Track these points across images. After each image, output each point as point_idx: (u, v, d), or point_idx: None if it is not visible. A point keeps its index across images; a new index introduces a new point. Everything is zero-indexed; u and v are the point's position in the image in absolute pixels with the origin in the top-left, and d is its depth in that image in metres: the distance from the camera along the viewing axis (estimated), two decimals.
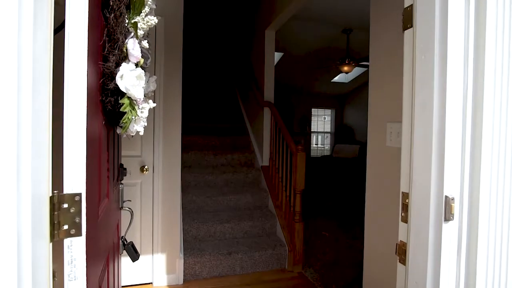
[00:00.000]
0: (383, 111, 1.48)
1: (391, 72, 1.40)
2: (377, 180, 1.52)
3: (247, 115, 4.12)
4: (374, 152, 1.54)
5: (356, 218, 4.10)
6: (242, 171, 3.30)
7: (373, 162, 1.55)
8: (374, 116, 1.55)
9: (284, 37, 5.55)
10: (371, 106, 1.57)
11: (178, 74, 2.32)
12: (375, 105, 1.54)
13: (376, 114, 1.53)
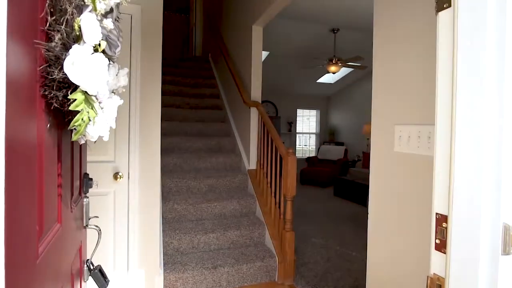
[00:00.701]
0: (390, 112, 1.32)
1: (402, 67, 1.24)
2: (383, 188, 1.36)
3: (233, 116, 3.91)
4: (379, 158, 1.38)
5: (343, 223, 3.98)
6: (227, 175, 3.09)
7: (378, 168, 1.39)
8: (378, 118, 1.39)
9: (270, 36, 5.38)
10: (375, 107, 1.41)
11: (157, 69, 2.08)
12: (380, 105, 1.38)
13: (381, 116, 1.37)
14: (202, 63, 5.47)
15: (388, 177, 1.33)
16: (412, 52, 1.19)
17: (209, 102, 4.29)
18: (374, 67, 1.44)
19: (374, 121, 1.41)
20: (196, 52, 6.83)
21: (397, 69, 1.28)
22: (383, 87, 1.36)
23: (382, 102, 1.36)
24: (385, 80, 1.35)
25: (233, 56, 3.97)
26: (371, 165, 1.44)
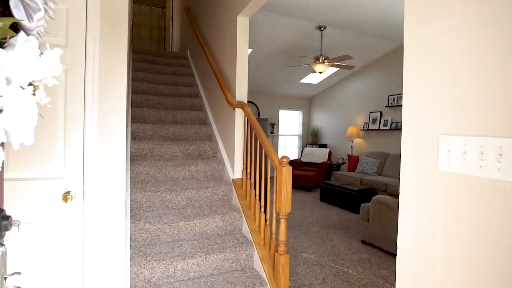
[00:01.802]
0: (431, 118, 0.99)
1: (453, 51, 0.91)
2: (422, 219, 1.03)
3: (214, 117, 3.51)
4: (416, 179, 1.05)
5: (334, 232, 3.68)
6: (209, 186, 2.69)
7: (413, 193, 1.06)
8: (413, 126, 1.06)
9: (253, 32, 5.02)
10: (408, 112, 1.08)
11: (121, 57, 1.66)
12: (416, 108, 1.05)
13: (417, 122, 1.04)
14: (180, 59, 5.03)
15: (428, 209, 1.00)
16: (474, 15, 0.87)
17: (188, 102, 3.86)
18: (406, 61, 1.11)
19: (406, 128, 1.08)
20: (173, 48, 6.36)
21: (444, 52, 0.95)
22: (421, 81, 1.04)
23: (419, 103, 1.04)
24: (424, 71, 1.02)
25: (215, 52, 3.57)
26: (401, 190, 1.11)
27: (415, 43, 1.08)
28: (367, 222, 3.36)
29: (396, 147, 6.18)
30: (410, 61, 1.10)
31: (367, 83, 6.94)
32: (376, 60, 6.63)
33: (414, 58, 1.08)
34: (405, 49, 1.13)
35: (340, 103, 7.81)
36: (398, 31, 5.00)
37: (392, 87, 6.26)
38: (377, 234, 3.21)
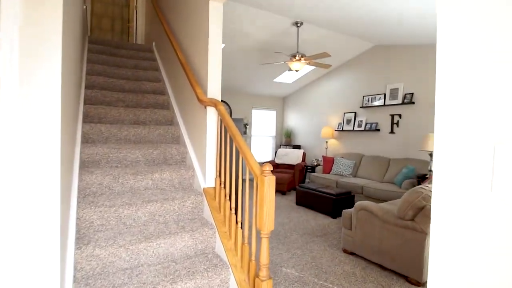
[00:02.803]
0: (483, 123, 0.72)
1: None
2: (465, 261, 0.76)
3: (183, 117, 3.12)
4: (457, 205, 0.78)
5: (313, 240, 3.42)
6: (176, 197, 2.31)
7: (451, 217, 0.78)
8: (452, 132, 0.78)
9: (225, 26, 4.67)
10: (442, 113, 0.81)
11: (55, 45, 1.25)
12: (456, 106, 0.78)
13: (460, 129, 0.77)
14: (145, 52, 4.54)
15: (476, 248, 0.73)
16: None
17: (152, 99, 3.43)
18: (441, 50, 0.83)
19: (442, 138, 0.81)
20: (138, 40, 5.83)
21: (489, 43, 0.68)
22: (464, 79, 0.76)
23: (462, 106, 0.76)
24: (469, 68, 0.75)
25: (183, 42, 3.18)
26: (433, 221, 0.83)
27: (458, 17, 0.80)
28: (349, 230, 3.15)
29: (371, 148, 6.13)
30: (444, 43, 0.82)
31: (341, 83, 6.85)
32: (351, 60, 6.55)
33: (456, 33, 0.79)
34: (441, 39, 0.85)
35: (314, 103, 7.68)
36: (375, 31, 4.89)
37: (367, 87, 6.20)
38: (360, 242, 3.01)
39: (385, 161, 5.58)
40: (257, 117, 8.46)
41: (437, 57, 0.83)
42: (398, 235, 2.67)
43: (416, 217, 2.55)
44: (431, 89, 5.05)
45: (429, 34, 4.54)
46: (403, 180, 4.85)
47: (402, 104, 5.44)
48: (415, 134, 5.30)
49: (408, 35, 4.81)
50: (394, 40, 5.30)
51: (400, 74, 5.55)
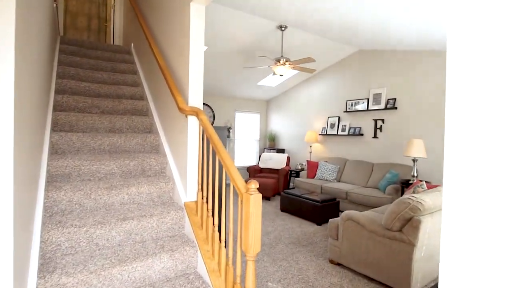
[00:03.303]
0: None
1: None
2: None
3: (163, 125, 2.95)
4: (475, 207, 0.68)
5: (299, 250, 3.33)
6: (154, 213, 2.15)
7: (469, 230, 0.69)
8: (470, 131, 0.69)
9: (208, 28, 4.52)
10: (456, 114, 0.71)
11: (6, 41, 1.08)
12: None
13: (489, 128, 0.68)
14: (123, 54, 4.32)
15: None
16: None
17: (130, 104, 3.23)
18: (450, 40, 0.74)
19: (453, 140, 0.71)
20: (115, 41, 5.57)
21: None
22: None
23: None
24: None
25: (163, 46, 3.01)
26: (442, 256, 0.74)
27: None
28: (336, 240, 3.08)
29: (354, 152, 6.14)
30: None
31: (325, 87, 6.84)
32: (335, 64, 6.55)
33: None
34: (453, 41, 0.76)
35: (298, 106, 7.64)
36: (359, 36, 4.89)
37: (350, 92, 6.21)
38: (347, 253, 2.94)
39: (368, 166, 5.59)
40: (240, 120, 8.33)
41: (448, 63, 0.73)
42: (385, 246, 2.62)
43: (404, 228, 2.51)
44: (413, 95, 5.11)
45: (411, 40, 4.58)
46: (387, 185, 4.86)
47: (385, 109, 5.47)
48: (398, 139, 5.34)
49: (392, 40, 4.84)
50: (377, 45, 5.33)
51: (383, 79, 5.59)
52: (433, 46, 4.61)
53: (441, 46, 4.55)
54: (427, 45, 4.63)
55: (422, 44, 4.67)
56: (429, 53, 4.88)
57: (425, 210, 2.47)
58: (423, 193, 2.77)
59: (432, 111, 4.85)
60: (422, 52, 4.98)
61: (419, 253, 2.47)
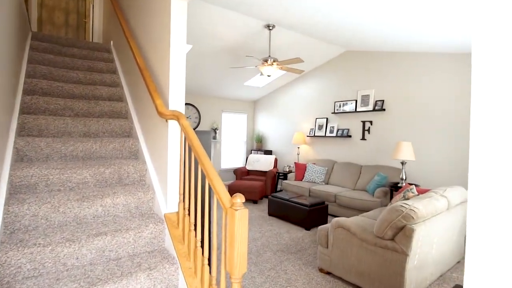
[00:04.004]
0: None
1: None
2: None
3: (142, 129, 2.76)
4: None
5: (287, 258, 3.20)
6: (131, 226, 1.96)
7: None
8: None
9: (193, 27, 4.33)
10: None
11: None
12: None
13: None
14: (102, 52, 4.08)
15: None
16: None
17: (108, 106, 3.02)
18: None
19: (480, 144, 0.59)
20: (95, 38, 5.30)
21: None
22: None
23: None
24: None
25: (143, 45, 2.82)
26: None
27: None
28: (326, 248, 2.97)
29: (343, 154, 6.07)
30: None
31: (313, 88, 6.75)
32: (323, 64, 6.47)
33: None
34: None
35: (286, 107, 7.53)
36: (347, 36, 4.80)
37: (338, 93, 6.14)
38: (337, 262, 2.84)
39: (357, 168, 5.53)
40: (227, 121, 8.15)
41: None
42: (377, 255, 2.52)
43: (396, 237, 2.41)
44: (401, 97, 5.07)
45: (399, 41, 4.53)
46: (375, 188, 4.80)
47: (373, 110, 5.43)
48: (386, 141, 5.30)
49: (380, 41, 4.78)
50: (365, 46, 5.26)
51: (371, 81, 5.54)
52: (422, 47, 4.58)
53: (429, 48, 4.52)
54: (415, 46, 4.59)
55: (410, 46, 4.63)
56: (418, 54, 4.85)
57: (418, 218, 2.38)
58: (415, 199, 2.68)
59: (420, 114, 4.82)
60: (410, 54, 4.95)
61: (412, 262, 2.39)
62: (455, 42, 3.99)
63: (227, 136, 8.16)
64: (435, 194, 2.87)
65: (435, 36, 3.91)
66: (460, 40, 3.86)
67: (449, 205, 2.88)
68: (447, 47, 4.26)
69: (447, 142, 4.49)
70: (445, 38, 3.90)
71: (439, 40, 4.03)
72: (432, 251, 2.67)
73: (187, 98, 7.41)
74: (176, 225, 2.05)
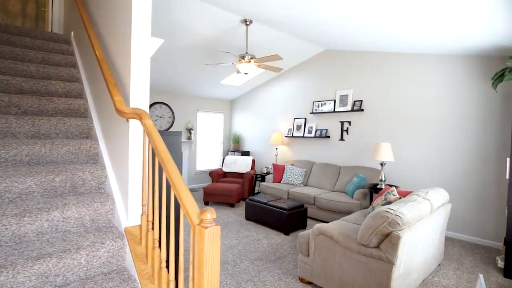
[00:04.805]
0: None
1: None
2: None
3: (103, 129, 2.44)
4: None
5: (266, 267, 2.99)
6: (83, 245, 1.67)
7: None
8: None
9: (165, 19, 4.02)
10: None
11: None
12: None
13: None
14: (60, 43, 3.67)
15: None
16: None
17: (63, 104, 2.66)
18: None
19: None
20: (54, 28, 4.83)
21: None
22: None
23: None
24: None
25: (104, 35, 2.49)
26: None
27: None
28: (306, 256, 2.79)
29: (321, 155, 5.97)
30: None
31: (291, 87, 6.61)
32: (301, 63, 6.34)
33: None
34: None
35: (263, 107, 7.34)
36: (325, 34, 4.68)
37: (317, 93, 6.03)
38: (319, 271, 2.66)
39: (335, 169, 5.44)
40: (203, 120, 7.84)
41: None
42: (361, 264, 2.37)
43: (381, 245, 2.27)
44: (380, 97, 5.02)
45: (379, 41, 4.46)
46: (354, 189, 4.71)
47: (352, 111, 5.35)
48: (365, 142, 5.24)
49: (359, 41, 4.69)
50: (344, 45, 5.17)
51: (349, 80, 5.46)
52: (402, 48, 4.54)
53: (409, 49, 4.49)
54: (395, 46, 4.55)
55: (389, 46, 4.57)
56: (397, 55, 4.82)
57: (404, 224, 2.25)
58: (398, 203, 2.56)
59: (399, 115, 4.79)
60: (389, 54, 4.91)
61: (398, 271, 2.25)
62: (435, 43, 3.96)
63: (203, 137, 7.85)
64: (418, 197, 2.77)
65: (415, 36, 3.86)
66: (441, 42, 3.84)
67: (432, 208, 2.80)
68: (427, 48, 4.23)
69: (427, 143, 4.48)
70: (425, 39, 3.86)
71: (420, 40, 3.99)
72: (417, 257, 2.56)
73: (160, 96, 7.02)
74: (138, 241, 1.77)
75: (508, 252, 3.04)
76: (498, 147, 3.81)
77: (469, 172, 4.05)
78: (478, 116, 3.98)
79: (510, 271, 3.03)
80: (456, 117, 4.17)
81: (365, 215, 3.56)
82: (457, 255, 3.58)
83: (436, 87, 4.37)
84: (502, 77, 3.27)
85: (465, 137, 4.09)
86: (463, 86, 4.13)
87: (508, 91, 3.76)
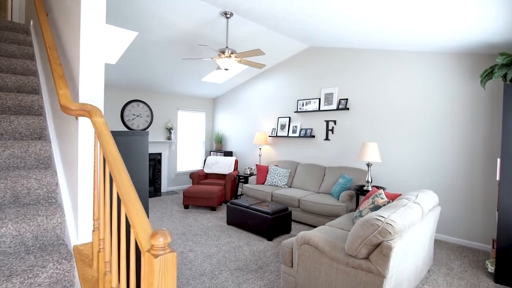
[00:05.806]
0: None
1: None
2: None
3: (56, 127, 2.12)
4: None
5: (247, 279, 2.76)
6: (18, 270, 1.36)
7: None
8: None
9: (139, 11, 3.70)
10: None
11: None
12: None
13: None
14: (16, 32, 3.29)
15: None
16: None
17: (12, 100, 2.32)
18: None
19: None
20: (14, 17, 4.41)
21: None
22: None
23: None
24: None
25: (57, 21, 2.17)
26: None
27: None
28: (290, 268, 2.56)
29: (306, 155, 5.77)
30: None
31: (275, 85, 6.38)
32: (285, 61, 6.12)
33: None
34: None
35: (247, 106, 7.08)
36: (309, 30, 4.47)
37: (301, 91, 5.83)
38: (304, 284, 2.44)
39: (321, 170, 5.26)
40: (183, 119, 7.50)
41: None
42: (349, 276, 2.16)
43: (371, 255, 2.07)
44: (366, 96, 4.87)
45: (365, 38, 4.29)
46: (340, 191, 4.54)
47: (337, 109, 5.18)
48: (351, 141, 5.08)
49: (344, 37, 4.51)
50: (328, 41, 4.99)
51: (334, 79, 5.29)
52: (389, 45, 4.39)
53: (397, 46, 4.34)
54: (381, 43, 4.39)
55: (375, 43, 4.41)
56: (384, 52, 4.67)
57: (396, 233, 2.05)
58: (388, 208, 2.37)
59: (386, 114, 4.64)
60: (375, 51, 4.76)
61: (389, 284, 2.05)
62: (423, 40, 3.82)
63: (184, 136, 7.51)
64: (408, 201, 2.59)
65: (403, 33, 3.70)
66: (429, 38, 3.69)
67: (423, 213, 2.63)
68: (415, 45, 4.09)
69: (414, 143, 4.35)
70: (413, 35, 3.71)
71: (407, 37, 3.84)
72: (408, 266, 2.38)
73: (137, 94, 6.65)
74: (89, 262, 1.48)
75: (499, 257, 2.92)
76: (486, 147, 3.71)
77: (457, 173, 3.94)
78: (466, 115, 3.87)
79: (501, 277, 2.91)
80: (444, 116, 4.06)
81: (352, 219, 3.38)
82: (446, 259, 3.45)
83: (424, 85, 4.25)
84: (491, 74, 3.14)
85: (453, 136, 3.98)
86: (450, 85, 4.01)
87: (496, 89, 3.66)
